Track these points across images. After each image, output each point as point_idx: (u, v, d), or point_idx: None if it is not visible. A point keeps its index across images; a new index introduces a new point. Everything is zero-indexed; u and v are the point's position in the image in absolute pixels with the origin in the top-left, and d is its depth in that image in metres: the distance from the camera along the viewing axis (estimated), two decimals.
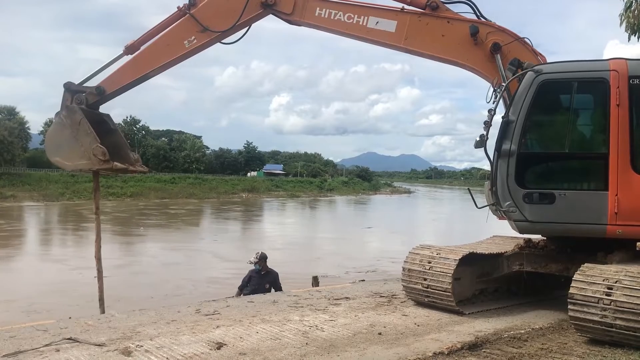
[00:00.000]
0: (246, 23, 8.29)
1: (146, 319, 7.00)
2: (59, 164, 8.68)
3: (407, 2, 7.84)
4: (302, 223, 53.00)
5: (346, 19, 7.93)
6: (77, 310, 12.17)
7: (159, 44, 8.54)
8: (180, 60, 8.57)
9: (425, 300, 7.53)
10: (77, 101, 8.57)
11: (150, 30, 8.68)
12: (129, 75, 8.69)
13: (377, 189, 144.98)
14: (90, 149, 8.17)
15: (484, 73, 7.57)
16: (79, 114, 8.37)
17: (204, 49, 8.47)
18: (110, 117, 9.28)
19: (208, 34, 8.25)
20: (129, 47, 8.73)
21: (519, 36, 7.49)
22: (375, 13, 7.88)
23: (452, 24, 7.64)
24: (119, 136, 9.22)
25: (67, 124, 8.43)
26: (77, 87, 8.77)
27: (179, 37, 8.37)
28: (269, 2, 8.05)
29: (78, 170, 8.55)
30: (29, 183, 75.65)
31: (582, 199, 6.85)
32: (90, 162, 8.27)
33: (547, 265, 7.58)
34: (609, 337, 5.70)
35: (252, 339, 6.03)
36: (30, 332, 6.20)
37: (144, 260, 26.41)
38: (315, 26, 8.24)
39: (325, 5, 8.01)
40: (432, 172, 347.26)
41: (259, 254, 10.88)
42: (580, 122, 7.45)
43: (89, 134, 8.24)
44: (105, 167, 8.34)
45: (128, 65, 8.72)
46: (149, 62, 8.57)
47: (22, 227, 43.86)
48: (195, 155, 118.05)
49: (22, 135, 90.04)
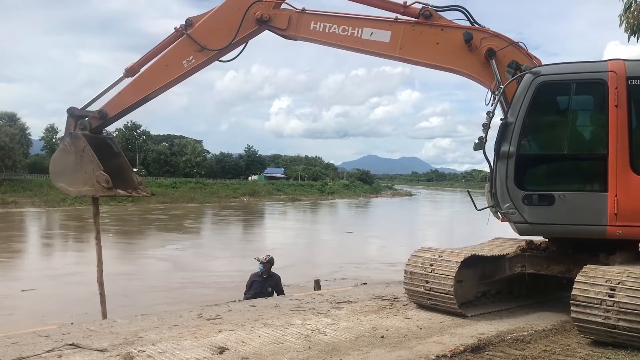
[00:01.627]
0: (243, 40, 8.39)
1: (148, 324, 6.99)
2: (63, 190, 8.81)
3: (401, 12, 7.90)
4: (285, 228, 51.65)
5: (341, 32, 8.00)
6: (79, 315, 12.20)
7: (158, 65, 8.65)
8: (180, 80, 8.66)
9: (428, 303, 7.52)
10: (81, 127, 8.71)
11: (148, 52, 8.82)
12: (130, 98, 8.80)
13: (378, 191, 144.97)
14: (94, 175, 8.32)
15: (480, 79, 7.60)
16: (82, 140, 8.50)
17: (202, 68, 8.58)
18: (114, 140, 9.42)
19: (206, 53, 8.36)
20: (129, 70, 8.88)
21: (513, 41, 7.51)
22: (369, 24, 7.94)
23: (446, 31, 7.69)
24: (122, 159, 9.31)
25: (71, 150, 8.58)
26: (80, 112, 8.91)
27: (177, 57, 8.47)
28: (264, 19, 8.13)
29: (81, 196, 8.65)
30: (30, 189, 75.73)
31: (581, 200, 6.85)
32: (94, 188, 8.42)
33: (549, 267, 7.57)
34: (612, 339, 5.69)
35: (255, 343, 6.02)
36: (32, 338, 6.19)
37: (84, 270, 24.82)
38: (310, 40, 8.32)
39: (319, 19, 8.09)
40: (433, 174, 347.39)
41: (268, 257, 10.86)
42: (578, 124, 7.44)
43: (93, 161, 8.36)
44: (109, 194, 8.48)
45: (128, 88, 8.84)
46: (149, 83, 8.68)
47: (23, 233, 43.90)
48: (196, 159, 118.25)
49: (23, 141, 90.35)
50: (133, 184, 8.97)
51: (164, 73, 8.56)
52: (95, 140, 8.70)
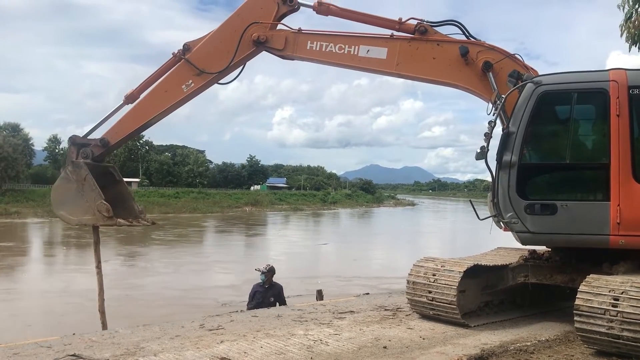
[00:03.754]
0: (240, 62, 8.45)
1: (150, 334, 6.98)
2: (64, 218, 8.85)
3: (396, 29, 7.95)
4: (287, 237, 51.03)
5: (337, 50, 8.05)
6: (81, 326, 12.16)
7: (157, 91, 8.70)
8: (180, 105, 8.71)
9: (430, 313, 7.49)
10: (83, 155, 8.76)
11: (147, 78, 8.88)
12: (131, 125, 8.87)
13: (380, 201, 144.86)
14: (95, 204, 8.36)
15: (477, 92, 7.62)
16: (84, 169, 8.56)
17: (202, 92, 8.63)
18: (116, 168, 9.51)
19: (204, 77, 8.41)
20: (129, 97, 8.94)
21: (509, 53, 7.55)
22: (365, 42, 7.99)
23: (442, 46, 7.73)
24: (124, 187, 9.38)
25: (73, 179, 8.64)
26: (82, 140, 8.97)
27: (176, 82, 8.53)
28: (260, 40, 8.18)
29: (82, 225, 8.70)
30: (32, 199, 75.74)
31: (584, 209, 6.83)
32: (95, 217, 8.47)
33: (552, 276, 7.54)
34: (616, 349, 5.66)
35: (257, 353, 6.00)
36: (34, 349, 6.18)
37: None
38: (307, 59, 8.39)
39: (315, 39, 8.15)
40: (436, 184, 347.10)
41: (268, 266, 10.86)
42: (580, 133, 7.45)
43: (94, 190, 8.41)
44: (109, 224, 8.54)
45: (129, 115, 8.90)
46: (149, 110, 8.74)
47: (25, 244, 43.96)
48: (198, 169, 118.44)
49: (26, 151, 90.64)
50: (134, 212, 9.02)
51: (163, 98, 8.61)
52: (97, 168, 8.79)
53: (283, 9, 8.25)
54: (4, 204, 70.96)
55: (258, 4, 8.30)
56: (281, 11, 8.26)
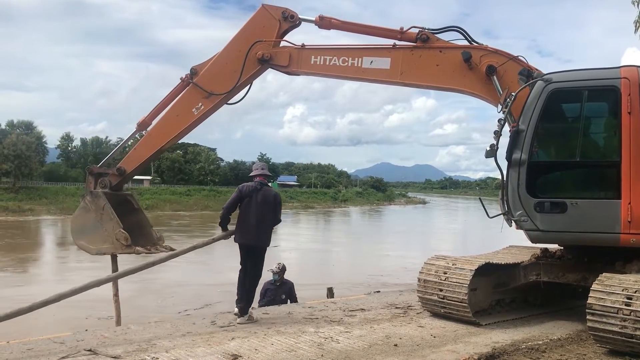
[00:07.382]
0: (247, 81, 8.51)
1: (162, 331, 7.04)
2: (83, 248, 8.91)
3: (398, 38, 7.97)
4: (299, 235, 49.66)
5: (341, 63, 8.10)
6: (94, 322, 12.31)
7: (169, 116, 8.80)
8: (192, 128, 8.78)
9: (441, 311, 7.48)
10: (102, 185, 8.88)
11: (158, 104, 8.98)
12: (146, 152, 8.97)
13: (391, 199, 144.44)
14: (114, 233, 8.43)
15: (482, 96, 7.61)
16: (102, 199, 8.64)
17: (212, 113, 8.70)
18: (134, 196, 9.61)
19: (213, 99, 8.48)
20: (141, 124, 9.07)
21: (512, 55, 7.50)
22: (368, 53, 8.03)
23: (445, 52, 7.73)
24: (142, 215, 9.44)
25: (92, 208, 8.71)
26: (99, 170, 9.12)
27: (186, 106, 8.60)
28: (265, 58, 8.23)
29: (101, 254, 8.79)
30: (46, 197, 76.57)
31: (594, 207, 6.78)
32: (113, 246, 8.53)
33: (564, 275, 7.49)
34: (629, 348, 5.61)
35: (268, 350, 6.04)
36: (47, 345, 6.27)
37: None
38: (312, 74, 8.45)
39: (319, 53, 8.20)
40: (447, 182, 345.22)
41: (280, 265, 10.90)
42: (591, 131, 7.38)
43: (112, 219, 8.48)
44: (128, 252, 8.59)
45: (143, 142, 9.05)
46: (163, 135, 8.83)
47: (40, 240, 44.41)
48: (209, 167, 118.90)
49: (40, 149, 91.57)
50: (152, 239, 9.10)
51: (175, 123, 8.70)
52: (115, 197, 8.88)
53: (285, 25, 8.32)
54: (18, 201, 71.72)
55: (260, 23, 8.38)
56: (283, 28, 8.32)
